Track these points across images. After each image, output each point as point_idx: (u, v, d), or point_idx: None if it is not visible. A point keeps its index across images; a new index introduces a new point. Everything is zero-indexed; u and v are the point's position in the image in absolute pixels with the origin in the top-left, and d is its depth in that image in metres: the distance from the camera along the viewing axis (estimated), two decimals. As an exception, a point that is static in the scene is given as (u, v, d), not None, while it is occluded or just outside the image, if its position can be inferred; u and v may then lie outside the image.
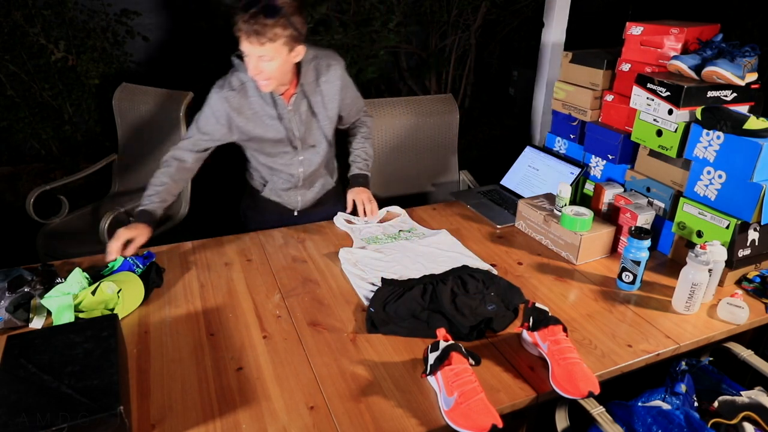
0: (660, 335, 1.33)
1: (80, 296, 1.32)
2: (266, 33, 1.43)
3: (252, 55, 1.49)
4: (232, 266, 1.61)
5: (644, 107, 1.69)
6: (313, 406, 1.10)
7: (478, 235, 1.83)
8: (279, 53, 1.49)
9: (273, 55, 1.49)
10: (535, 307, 1.25)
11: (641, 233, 1.46)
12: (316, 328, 1.34)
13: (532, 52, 2.63)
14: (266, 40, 1.44)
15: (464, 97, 4.99)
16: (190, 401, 1.11)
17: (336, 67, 1.72)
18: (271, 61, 1.50)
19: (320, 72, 1.69)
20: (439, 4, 4.31)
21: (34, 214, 2.31)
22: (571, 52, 2.03)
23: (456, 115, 2.59)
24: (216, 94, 1.65)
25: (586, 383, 1.10)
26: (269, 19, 1.42)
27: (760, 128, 1.42)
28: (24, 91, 3.60)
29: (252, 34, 1.43)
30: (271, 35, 1.44)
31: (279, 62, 1.51)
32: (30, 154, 3.87)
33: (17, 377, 1.00)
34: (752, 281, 1.53)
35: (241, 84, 1.64)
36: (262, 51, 1.46)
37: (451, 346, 1.13)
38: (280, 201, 1.92)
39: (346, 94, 1.77)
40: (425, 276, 1.48)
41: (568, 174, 1.99)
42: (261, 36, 1.44)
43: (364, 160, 1.92)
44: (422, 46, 4.62)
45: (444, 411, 1.07)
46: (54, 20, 3.50)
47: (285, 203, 1.92)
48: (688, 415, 1.10)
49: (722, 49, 1.59)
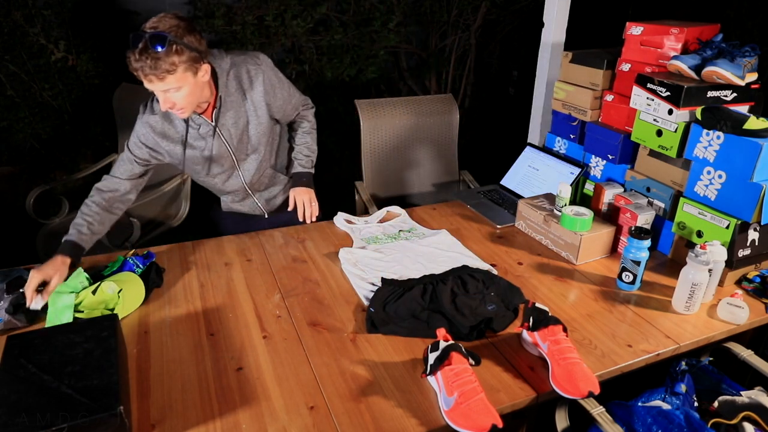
0: (660, 335, 1.33)
1: (80, 296, 1.32)
2: (161, 66, 1.32)
3: (157, 90, 1.39)
4: (232, 266, 1.61)
5: (644, 107, 1.69)
6: (313, 406, 1.10)
7: (478, 235, 1.83)
8: (184, 80, 1.38)
9: (178, 85, 1.38)
10: (535, 307, 1.25)
11: (641, 233, 1.46)
12: (316, 328, 1.34)
13: (532, 52, 2.63)
14: (165, 73, 1.34)
15: (464, 97, 4.99)
16: (190, 401, 1.11)
17: (257, 71, 1.59)
18: (178, 91, 1.40)
19: (241, 79, 1.58)
20: (439, 4, 4.31)
21: (34, 214, 2.31)
22: (571, 52, 2.03)
23: (456, 115, 2.59)
24: (140, 120, 1.57)
25: (586, 383, 1.10)
26: (161, 51, 1.30)
27: (760, 128, 1.42)
28: (24, 91, 3.60)
29: (148, 71, 1.32)
30: (167, 66, 1.33)
31: (188, 89, 1.41)
32: (30, 154, 3.87)
33: (17, 377, 1.00)
34: (752, 281, 1.53)
35: None
36: (164, 85, 1.36)
37: (451, 346, 1.13)
38: (242, 211, 1.87)
39: (273, 97, 1.64)
40: (425, 276, 1.48)
41: (568, 174, 1.99)
42: (157, 70, 1.33)
43: (305, 156, 1.82)
44: (422, 46, 4.62)
45: (444, 411, 1.07)
46: (54, 20, 3.50)
47: (248, 212, 1.88)
48: (688, 415, 1.10)
49: (722, 49, 1.59)
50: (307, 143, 1.83)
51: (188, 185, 2.57)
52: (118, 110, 2.66)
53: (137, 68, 1.33)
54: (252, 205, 1.86)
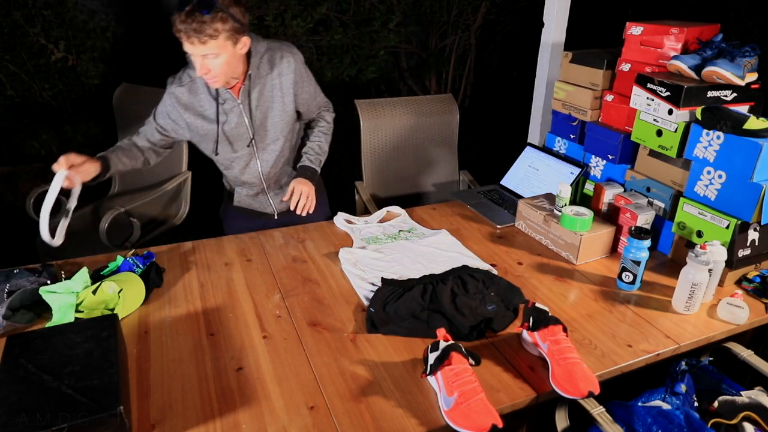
0: (660, 335, 1.33)
1: (81, 296, 1.32)
2: (206, 30, 1.38)
3: (196, 54, 1.43)
4: (232, 266, 1.61)
5: (644, 107, 1.69)
6: (313, 406, 1.10)
7: (478, 235, 1.83)
8: (223, 48, 1.44)
9: (218, 51, 1.43)
10: (535, 307, 1.25)
11: (641, 233, 1.46)
12: (316, 328, 1.34)
13: (532, 52, 2.63)
14: (207, 38, 1.39)
15: (464, 97, 4.99)
16: (190, 401, 1.11)
17: (290, 59, 1.64)
18: (216, 58, 1.45)
19: (274, 64, 1.62)
20: (439, 4, 4.31)
21: (34, 214, 2.31)
22: (571, 52, 2.03)
23: (456, 115, 2.59)
24: (167, 90, 1.64)
25: (586, 383, 1.10)
26: (206, 15, 1.36)
27: (760, 128, 1.42)
28: (24, 91, 3.60)
29: (192, 34, 1.38)
30: (211, 31, 1.39)
31: (225, 57, 1.46)
32: (30, 154, 3.87)
33: (17, 377, 1.00)
34: (752, 281, 1.53)
35: (191, 80, 1.62)
36: (205, 49, 1.41)
37: (451, 346, 1.13)
38: (253, 208, 1.88)
39: (301, 88, 1.69)
40: (425, 276, 1.48)
41: (568, 174, 1.99)
42: (201, 34, 1.38)
43: (316, 154, 1.82)
44: (422, 46, 4.62)
45: (444, 411, 1.07)
46: (54, 20, 3.50)
47: (259, 209, 1.89)
48: (688, 415, 1.10)
49: (722, 49, 1.59)
50: (320, 142, 1.84)
51: (188, 185, 2.57)
52: (118, 110, 2.65)
53: (181, 29, 1.38)
54: (264, 202, 1.88)
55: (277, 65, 1.62)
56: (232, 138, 1.68)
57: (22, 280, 1.39)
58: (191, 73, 1.61)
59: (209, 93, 1.61)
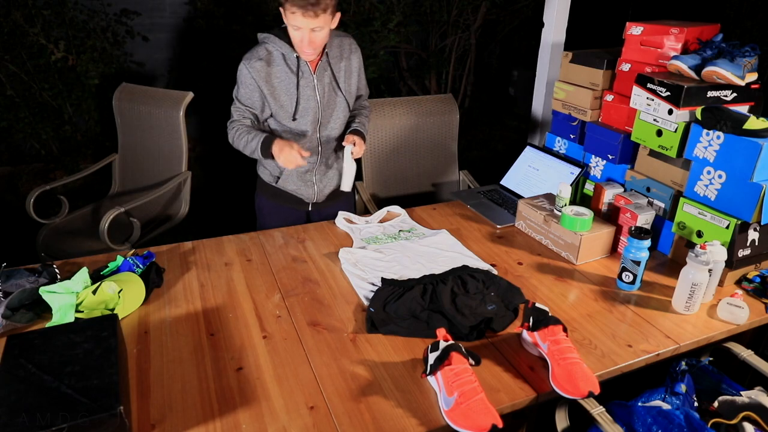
0: (660, 335, 1.33)
1: (81, 296, 1.32)
2: (321, 4, 1.53)
3: (305, 27, 1.57)
4: (232, 266, 1.61)
5: (644, 107, 1.69)
6: (313, 406, 1.10)
7: (478, 235, 1.83)
8: (328, 22, 1.60)
9: (323, 25, 1.58)
10: (535, 307, 1.25)
11: (641, 233, 1.46)
12: (316, 328, 1.34)
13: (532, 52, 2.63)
14: (320, 11, 1.54)
15: (464, 97, 4.99)
16: (190, 401, 1.11)
17: (356, 47, 1.85)
18: (321, 31, 1.60)
19: (343, 48, 1.80)
20: (439, 4, 4.31)
21: (34, 214, 2.31)
22: (571, 52, 2.03)
23: (456, 115, 2.59)
24: (244, 67, 1.71)
25: (586, 383, 1.10)
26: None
27: (760, 128, 1.42)
28: (24, 91, 3.60)
29: (309, 8, 1.52)
30: (324, 5, 1.54)
31: (326, 31, 1.62)
32: (30, 154, 3.87)
33: (17, 377, 1.00)
34: (752, 281, 1.53)
35: (268, 53, 1.71)
36: (316, 22, 1.56)
37: (451, 346, 1.13)
38: (296, 191, 1.93)
39: (361, 74, 1.89)
40: (425, 276, 1.48)
41: (568, 174, 1.99)
42: (317, 7, 1.52)
43: (363, 125, 1.94)
44: (422, 46, 4.62)
45: (444, 411, 1.07)
46: (54, 20, 3.50)
47: (300, 194, 1.94)
48: (688, 415, 1.10)
49: (722, 49, 1.59)
50: (363, 123, 1.96)
51: (188, 185, 2.57)
52: (118, 110, 2.66)
53: (296, 3, 1.52)
54: (309, 182, 1.93)
55: (346, 49, 1.81)
56: (302, 110, 1.77)
57: (21, 280, 1.39)
58: (268, 47, 1.71)
59: (287, 66, 1.72)
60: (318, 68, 1.74)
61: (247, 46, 1.74)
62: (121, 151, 2.71)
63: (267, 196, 1.98)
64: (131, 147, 2.68)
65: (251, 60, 1.70)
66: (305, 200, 1.96)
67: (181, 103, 2.46)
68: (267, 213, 1.99)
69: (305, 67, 1.73)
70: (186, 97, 2.48)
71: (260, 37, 1.74)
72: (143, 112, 2.59)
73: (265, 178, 1.95)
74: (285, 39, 1.70)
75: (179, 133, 2.50)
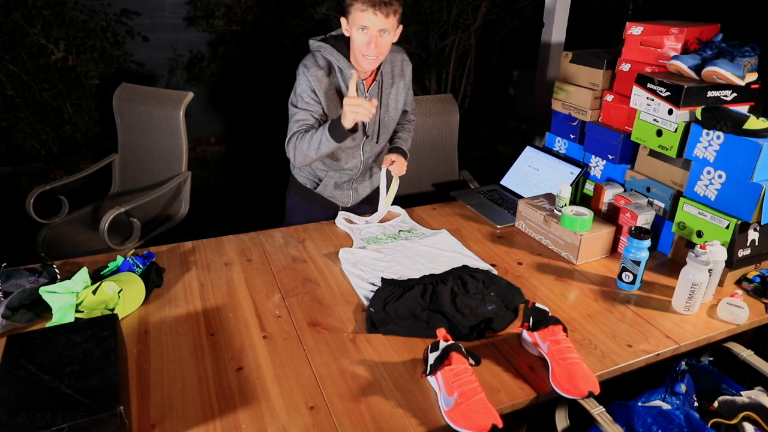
0: (660, 335, 1.33)
1: (81, 296, 1.32)
2: (393, 4, 1.47)
3: (374, 27, 1.50)
4: (232, 266, 1.61)
5: (644, 107, 1.69)
6: (313, 406, 1.10)
7: (478, 235, 1.83)
8: (395, 27, 1.54)
9: (391, 29, 1.52)
10: (535, 307, 1.25)
11: (641, 233, 1.46)
12: (316, 328, 1.34)
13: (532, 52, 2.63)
14: (392, 12, 1.48)
15: (464, 97, 4.99)
16: (190, 401, 1.11)
17: (407, 63, 1.79)
18: (388, 35, 1.53)
19: (395, 65, 1.75)
20: (439, 4, 4.31)
21: (34, 214, 2.31)
22: (571, 52, 2.03)
23: (456, 115, 2.59)
24: (305, 74, 1.64)
25: (586, 383, 1.10)
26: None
27: (760, 128, 1.42)
28: (24, 91, 3.60)
29: (381, 6, 1.46)
30: (396, 6, 1.49)
31: (391, 37, 1.55)
32: (30, 154, 3.87)
33: (17, 377, 1.00)
34: (752, 281, 1.53)
35: (328, 63, 1.66)
36: (386, 23, 1.50)
37: (451, 346, 1.13)
38: (332, 197, 1.93)
39: (410, 90, 1.86)
40: (425, 276, 1.48)
41: (568, 174, 1.99)
42: (389, 6, 1.47)
43: (405, 141, 1.93)
44: (422, 46, 4.62)
45: (444, 411, 1.07)
46: (54, 20, 3.50)
47: (336, 199, 1.94)
48: (688, 415, 1.10)
49: (722, 49, 1.59)
50: (406, 140, 1.95)
51: (188, 185, 2.57)
52: (118, 110, 2.66)
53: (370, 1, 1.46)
54: (346, 190, 1.93)
55: (398, 64, 1.76)
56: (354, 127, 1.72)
57: (21, 280, 1.39)
58: (327, 56, 1.64)
59: (343, 81, 1.66)
60: (371, 88, 1.71)
61: (246, 45, 1.74)
62: (121, 151, 2.71)
63: (301, 197, 1.96)
64: (131, 147, 2.68)
65: (311, 68, 1.63)
66: (339, 204, 1.96)
67: (181, 103, 2.46)
68: (298, 213, 1.97)
69: (360, 86, 1.68)
70: (186, 97, 2.48)
71: (314, 45, 1.67)
72: (143, 112, 2.59)
73: (301, 181, 1.94)
74: (340, 50, 1.63)
75: (179, 133, 2.50)
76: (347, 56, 1.65)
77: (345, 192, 1.94)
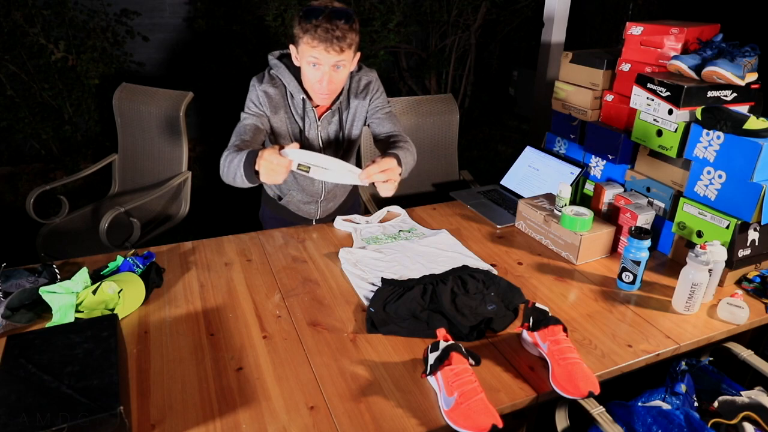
0: (660, 335, 1.33)
1: (81, 296, 1.32)
2: (347, 38, 1.34)
3: (326, 63, 1.39)
4: (232, 266, 1.61)
5: (644, 107, 1.69)
6: (313, 406, 1.10)
7: (478, 235, 1.83)
8: (349, 61, 1.42)
9: (347, 61, 1.41)
10: (535, 307, 1.25)
11: (641, 233, 1.46)
12: (316, 328, 1.34)
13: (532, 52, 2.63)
14: (346, 47, 1.36)
15: (464, 97, 4.99)
16: (190, 401, 1.11)
17: (376, 84, 1.65)
18: (343, 69, 1.42)
19: (359, 84, 1.62)
20: (439, 4, 4.31)
21: (34, 214, 2.31)
22: (571, 52, 2.03)
23: (456, 115, 2.59)
24: (254, 89, 1.56)
25: (586, 383, 1.10)
26: (347, 24, 1.34)
27: (760, 128, 1.42)
28: (24, 91, 3.60)
29: (334, 41, 1.34)
30: (349, 41, 1.36)
31: (346, 71, 1.44)
32: (30, 154, 3.88)
33: (17, 377, 1.00)
34: (752, 281, 1.53)
35: (283, 85, 1.57)
36: (340, 58, 1.38)
37: (451, 346, 1.13)
38: (299, 211, 1.90)
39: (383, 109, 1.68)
40: (425, 276, 1.48)
41: (568, 174, 1.99)
42: (342, 42, 1.34)
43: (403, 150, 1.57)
44: (422, 46, 4.63)
45: (444, 411, 1.07)
46: (54, 20, 3.50)
47: (303, 214, 1.91)
48: (688, 415, 1.10)
49: (722, 49, 1.59)
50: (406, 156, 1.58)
51: (188, 185, 2.57)
52: (118, 110, 2.66)
53: (319, 36, 1.33)
54: (311, 210, 1.89)
55: (362, 84, 1.61)
56: None
57: (21, 280, 1.39)
58: (282, 78, 1.55)
59: (293, 106, 1.56)
60: (324, 117, 1.59)
61: (246, 45, 1.73)
62: (121, 151, 2.72)
63: (270, 208, 1.94)
64: (131, 147, 2.68)
65: (263, 84, 1.55)
66: (307, 218, 1.93)
67: (181, 103, 2.46)
68: (271, 225, 1.92)
69: (311, 114, 1.57)
70: (186, 97, 2.48)
71: (270, 61, 1.57)
72: (143, 112, 2.59)
73: (269, 192, 1.91)
74: (294, 73, 1.52)
75: (179, 133, 2.50)
76: (300, 80, 1.53)
77: (312, 207, 1.88)
